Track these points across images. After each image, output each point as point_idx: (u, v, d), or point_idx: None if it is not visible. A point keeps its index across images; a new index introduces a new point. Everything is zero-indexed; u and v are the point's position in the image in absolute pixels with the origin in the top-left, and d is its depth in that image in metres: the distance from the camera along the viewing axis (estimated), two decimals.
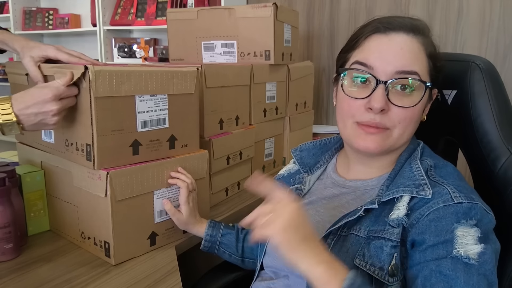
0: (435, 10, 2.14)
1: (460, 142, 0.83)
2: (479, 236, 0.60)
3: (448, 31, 2.11)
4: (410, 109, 0.68)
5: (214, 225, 1.00)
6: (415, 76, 0.68)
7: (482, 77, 0.78)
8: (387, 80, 0.67)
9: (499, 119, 0.76)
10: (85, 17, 3.28)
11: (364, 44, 0.71)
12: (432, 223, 0.62)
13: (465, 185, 0.67)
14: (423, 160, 0.72)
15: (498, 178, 0.75)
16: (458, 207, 0.62)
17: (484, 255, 0.59)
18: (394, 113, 0.68)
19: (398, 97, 0.68)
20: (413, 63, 0.68)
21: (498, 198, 0.75)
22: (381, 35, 0.70)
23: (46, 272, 0.86)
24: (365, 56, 0.70)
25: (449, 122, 0.84)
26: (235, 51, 1.55)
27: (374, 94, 0.67)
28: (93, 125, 0.84)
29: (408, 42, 0.68)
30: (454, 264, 0.58)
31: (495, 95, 0.77)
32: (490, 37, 2.02)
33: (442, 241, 0.60)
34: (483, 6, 2.01)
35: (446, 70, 0.76)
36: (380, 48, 0.69)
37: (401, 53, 0.68)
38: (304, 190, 0.84)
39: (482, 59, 0.80)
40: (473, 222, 0.61)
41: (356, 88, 0.71)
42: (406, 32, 0.69)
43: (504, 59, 2.01)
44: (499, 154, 0.75)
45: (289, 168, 0.94)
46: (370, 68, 0.69)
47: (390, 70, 0.67)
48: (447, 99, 0.82)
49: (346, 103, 0.72)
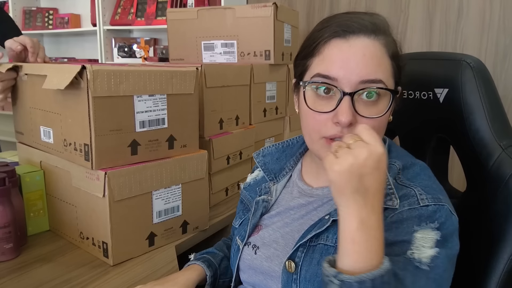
0: (435, 10, 2.13)
1: (453, 139, 0.84)
2: (437, 239, 0.60)
3: (448, 31, 2.11)
4: (378, 119, 0.66)
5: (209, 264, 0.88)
6: (380, 85, 0.65)
7: (473, 76, 0.79)
8: (352, 92, 0.64)
9: (491, 116, 0.77)
10: (85, 17, 3.28)
11: (324, 52, 0.67)
12: (394, 224, 0.62)
13: (433, 185, 0.66)
14: (391, 164, 0.70)
15: (491, 174, 0.76)
16: (423, 210, 0.62)
17: (437, 259, 0.59)
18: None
19: (365, 107, 0.65)
20: (377, 70, 0.64)
21: (491, 194, 0.75)
22: (341, 40, 0.66)
23: (46, 272, 0.86)
24: (327, 68, 0.66)
25: (441, 120, 0.85)
26: (235, 51, 1.55)
27: (340, 107, 0.64)
28: (91, 125, 0.84)
29: (370, 46, 0.65)
30: (405, 264, 0.59)
31: (486, 93, 0.78)
32: (490, 37, 2.01)
33: (400, 240, 0.61)
34: (483, 6, 2.01)
35: (438, 69, 0.76)
36: (341, 56, 0.65)
37: (364, 60, 0.64)
38: (271, 201, 0.81)
39: (473, 58, 0.81)
40: (434, 225, 0.61)
41: (320, 100, 0.67)
42: (367, 35, 0.65)
43: (504, 59, 2.01)
44: (491, 151, 0.76)
45: (255, 175, 0.90)
46: (333, 80, 0.65)
47: (354, 80, 0.64)
48: (438, 98, 0.83)
49: (311, 117, 0.68)
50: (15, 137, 1.13)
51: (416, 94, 0.87)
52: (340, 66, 0.64)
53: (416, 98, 0.87)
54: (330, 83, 0.65)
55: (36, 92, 0.98)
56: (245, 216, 0.85)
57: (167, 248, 0.99)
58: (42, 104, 0.98)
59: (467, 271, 0.77)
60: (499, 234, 0.72)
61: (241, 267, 0.79)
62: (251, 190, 0.88)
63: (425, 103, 0.85)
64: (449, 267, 0.61)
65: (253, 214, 0.80)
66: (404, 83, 0.73)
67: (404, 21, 2.22)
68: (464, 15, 2.06)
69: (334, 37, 0.66)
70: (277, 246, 0.74)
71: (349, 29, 0.65)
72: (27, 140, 1.09)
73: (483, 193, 0.78)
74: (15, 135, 1.13)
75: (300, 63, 0.73)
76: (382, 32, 0.67)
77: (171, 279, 0.81)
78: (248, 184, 0.91)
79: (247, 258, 0.77)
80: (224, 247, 0.95)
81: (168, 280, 0.80)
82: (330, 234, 0.66)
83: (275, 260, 0.69)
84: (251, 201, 0.86)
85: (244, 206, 0.89)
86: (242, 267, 0.79)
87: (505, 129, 0.78)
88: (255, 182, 0.89)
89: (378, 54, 0.65)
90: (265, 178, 0.85)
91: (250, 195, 0.88)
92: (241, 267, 0.79)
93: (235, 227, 0.88)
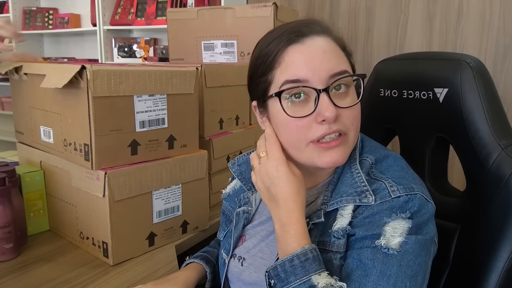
0: (435, 10, 2.13)
1: (452, 139, 0.85)
2: (409, 227, 0.60)
3: (448, 31, 2.11)
4: (356, 107, 0.67)
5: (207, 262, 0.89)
6: (346, 75, 0.66)
7: (472, 75, 0.79)
8: (326, 87, 0.64)
9: (490, 116, 0.77)
10: (85, 17, 3.28)
11: (284, 60, 0.66)
12: (366, 219, 0.63)
13: (405, 175, 0.66)
14: (363, 160, 0.70)
15: (491, 173, 0.76)
16: (395, 202, 0.62)
17: (406, 244, 0.59)
18: (345, 116, 0.65)
19: (340, 100, 0.65)
20: (339, 63, 0.66)
21: (491, 193, 0.76)
22: (297, 45, 0.66)
23: (46, 272, 0.86)
24: (293, 72, 0.65)
25: (440, 120, 0.85)
26: (235, 50, 1.55)
27: (321, 104, 0.63)
28: (91, 125, 0.84)
29: (326, 43, 0.66)
30: (373, 254, 0.60)
31: (486, 93, 0.79)
32: (490, 37, 2.01)
33: (370, 234, 0.62)
34: (483, 6, 2.01)
35: (437, 69, 0.76)
36: (304, 58, 0.65)
37: (326, 56, 0.65)
38: (251, 212, 0.80)
39: (473, 58, 0.82)
40: (406, 215, 0.61)
41: (294, 107, 0.66)
42: (318, 34, 0.67)
43: (504, 59, 2.01)
44: (491, 150, 0.76)
45: (233, 185, 0.89)
46: (304, 81, 0.64)
47: (323, 76, 0.64)
48: (438, 97, 0.84)
49: (293, 126, 0.66)
50: (15, 137, 1.13)
51: (416, 94, 0.87)
52: (306, 67, 0.64)
53: (416, 98, 0.87)
54: (301, 85, 0.65)
55: (36, 92, 0.98)
56: (228, 227, 0.84)
57: (167, 248, 0.99)
58: (42, 104, 0.98)
59: (467, 270, 0.77)
60: (499, 233, 0.73)
61: (230, 279, 0.79)
62: (231, 200, 0.87)
63: (425, 103, 0.85)
64: (422, 253, 0.61)
65: (235, 227, 0.79)
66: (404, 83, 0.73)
67: (404, 21, 2.22)
68: (464, 15, 2.06)
69: (290, 44, 0.66)
70: (263, 255, 0.74)
71: (301, 33, 0.66)
72: (27, 140, 1.09)
73: (483, 192, 0.78)
74: (15, 135, 1.13)
75: (260, 81, 0.70)
76: (329, 30, 0.69)
77: (171, 278, 0.81)
78: (227, 194, 0.89)
79: (235, 270, 0.77)
80: (217, 245, 0.95)
81: (168, 280, 0.80)
82: (312, 237, 0.65)
83: (263, 270, 0.68)
84: (232, 211, 0.85)
85: (226, 218, 0.88)
86: (231, 278, 0.79)
87: (505, 129, 0.78)
88: (234, 192, 0.87)
89: (334, 49, 0.67)
90: (243, 187, 0.84)
91: (230, 206, 0.86)
92: (230, 278, 0.79)
93: (220, 239, 0.87)
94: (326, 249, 0.64)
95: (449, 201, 0.85)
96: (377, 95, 0.94)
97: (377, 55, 2.31)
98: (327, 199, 0.69)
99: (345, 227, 0.64)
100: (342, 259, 0.63)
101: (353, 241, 0.63)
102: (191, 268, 0.86)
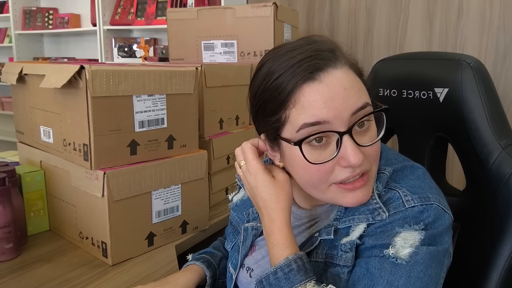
0: (435, 10, 2.13)
1: (452, 138, 0.85)
2: (421, 238, 0.58)
3: (448, 31, 2.11)
4: (378, 142, 0.62)
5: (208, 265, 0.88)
6: (368, 108, 0.60)
7: (473, 75, 0.80)
8: (349, 129, 0.58)
9: (490, 115, 0.78)
10: (85, 17, 3.28)
11: (300, 100, 0.59)
12: (378, 229, 0.61)
13: (421, 184, 0.63)
14: (380, 173, 0.66)
15: (491, 173, 0.76)
16: (408, 212, 0.60)
17: (416, 255, 0.57)
18: (369, 154, 0.61)
19: (362, 136, 0.60)
20: (360, 96, 0.60)
21: (491, 193, 0.76)
22: (314, 83, 0.58)
23: (46, 272, 0.86)
24: (312, 114, 0.58)
25: (440, 119, 0.85)
26: (235, 50, 1.55)
27: (345, 149, 0.58)
28: (90, 125, 0.84)
29: (344, 76, 0.60)
30: (381, 263, 0.58)
31: (486, 93, 0.79)
32: (490, 37, 2.01)
33: (380, 244, 0.59)
34: (483, 6, 2.01)
35: (438, 69, 0.76)
36: (323, 99, 0.58)
37: (346, 94, 0.58)
38: (260, 229, 0.76)
39: (473, 58, 0.82)
40: (419, 226, 0.59)
41: (314, 150, 0.60)
42: (334, 66, 0.59)
43: (504, 59, 2.01)
44: (491, 150, 0.77)
45: (241, 196, 0.86)
46: (325, 123, 0.58)
47: (346, 116, 0.58)
48: (438, 97, 0.84)
49: (314, 171, 0.61)
50: (15, 137, 1.13)
51: (416, 94, 0.87)
52: (327, 108, 0.58)
53: (416, 98, 0.87)
54: (323, 129, 0.59)
55: (36, 92, 0.99)
56: (235, 240, 0.83)
57: (167, 248, 0.99)
58: (42, 104, 0.98)
59: (468, 268, 0.77)
60: (499, 232, 0.73)
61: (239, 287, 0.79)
62: (239, 211, 0.85)
63: (425, 103, 0.86)
64: (433, 264, 0.58)
65: (243, 243, 0.78)
66: (404, 83, 0.73)
67: (404, 21, 2.22)
68: (464, 15, 2.06)
69: (305, 81, 0.59)
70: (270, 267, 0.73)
71: (316, 69, 0.59)
72: (27, 139, 1.09)
73: (483, 192, 0.78)
74: (15, 135, 1.13)
75: (270, 120, 0.63)
76: (341, 55, 0.62)
77: (171, 280, 0.81)
78: (235, 204, 0.87)
79: (244, 281, 0.76)
80: (221, 246, 0.94)
81: (168, 281, 0.80)
82: (320, 249, 0.65)
83: None
84: (239, 223, 0.83)
85: (233, 228, 0.87)
86: (240, 287, 0.78)
87: (505, 128, 0.79)
88: (242, 203, 0.85)
89: (353, 80, 0.61)
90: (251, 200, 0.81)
91: (238, 217, 0.85)
92: (240, 287, 0.78)
93: (227, 250, 0.86)
94: (334, 263, 0.63)
95: (448, 200, 0.85)
96: (375, 95, 0.94)
97: (377, 55, 2.31)
98: (340, 215, 0.66)
99: (353, 240, 0.61)
100: (350, 273, 0.61)
101: (362, 249, 0.61)
102: (192, 271, 0.85)
